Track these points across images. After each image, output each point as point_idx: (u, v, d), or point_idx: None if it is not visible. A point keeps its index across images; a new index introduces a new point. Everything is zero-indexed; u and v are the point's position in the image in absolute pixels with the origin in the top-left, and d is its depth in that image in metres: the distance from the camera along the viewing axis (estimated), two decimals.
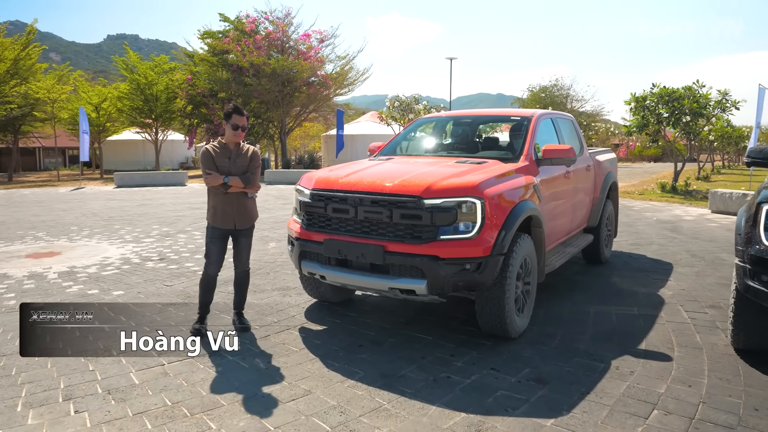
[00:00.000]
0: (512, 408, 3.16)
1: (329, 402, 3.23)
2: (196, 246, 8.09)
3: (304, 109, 28.77)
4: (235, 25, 26.47)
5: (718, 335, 4.35)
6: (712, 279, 6.13)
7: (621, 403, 3.22)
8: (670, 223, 10.40)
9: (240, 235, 4.39)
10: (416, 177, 4.06)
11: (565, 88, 47.01)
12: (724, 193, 11.78)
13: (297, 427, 2.95)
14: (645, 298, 5.39)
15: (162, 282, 6.04)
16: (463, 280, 3.81)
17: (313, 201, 4.29)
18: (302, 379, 3.56)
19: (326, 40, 27.12)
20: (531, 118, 5.29)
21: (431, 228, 3.81)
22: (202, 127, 28.15)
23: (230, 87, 25.01)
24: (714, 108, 16.11)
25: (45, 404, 3.22)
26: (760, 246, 3.56)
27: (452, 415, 3.07)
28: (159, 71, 28.02)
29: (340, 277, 4.19)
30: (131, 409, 3.15)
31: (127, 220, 10.98)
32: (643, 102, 16.46)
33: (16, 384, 3.49)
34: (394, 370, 3.68)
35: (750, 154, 4.80)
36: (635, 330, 4.48)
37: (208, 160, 4.25)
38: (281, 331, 4.46)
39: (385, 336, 4.34)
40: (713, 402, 3.23)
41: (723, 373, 3.63)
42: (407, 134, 5.91)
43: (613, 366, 3.75)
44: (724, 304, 5.17)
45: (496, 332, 4.17)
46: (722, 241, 8.54)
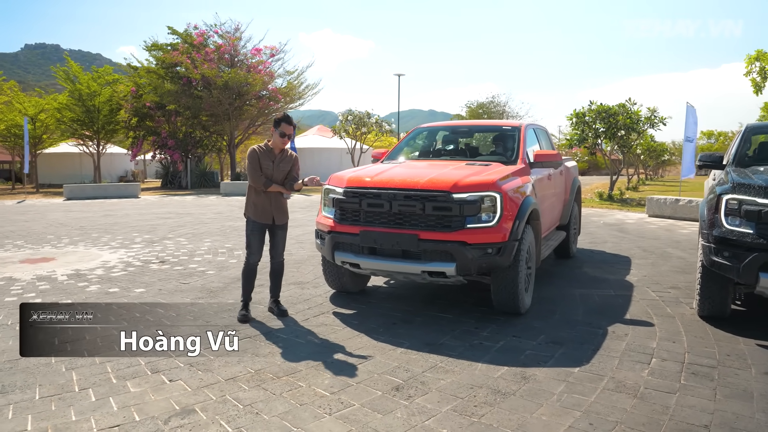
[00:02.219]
0: (543, 362, 3.83)
1: (392, 364, 3.78)
2: (188, 250, 8.35)
3: (253, 123, 28.88)
4: (184, 38, 26.35)
5: (683, 308, 5.22)
6: (666, 268, 7.12)
7: (626, 355, 3.96)
8: (616, 226, 11.57)
9: (277, 228, 4.87)
10: (443, 175, 4.71)
11: (501, 104, 49.44)
12: (659, 199, 13.16)
13: (375, 381, 3.49)
14: (617, 283, 6.25)
15: (176, 281, 6.34)
16: (486, 262, 4.47)
17: (348, 198, 4.84)
18: (358, 349, 4.08)
19: (276, 55, 27.49)
20: (520, 127, 6.07)
21: (459, 218, 4.46)
22: (148, 139, 27.66)
23: (179, 99, 24.83)
24: (644, 124, 17.81)
25: (137, 376, 3.58)
26: (722, 228, 4.43)
27: (497, 369, 3.70)
28: (102, 82, 27.33)
29: (374, 264, 4.74)
30: (221, 376, 3.57)
31: (101, 229, 10.95)
32: (582, 117, 17.94)
33: (96, 363, 3.80)
34: (433, 339, 4.28)
35: (701, 158, 5.79)
36: (617, 306, 5.28)
37: (254, 159, 4.72)
38: (318, 315, 4.95)
39: (411, 316, 4.93)
40: (695, 352, 4.03)
41: (696, 333, 4.46)
42: (408, 142, 6.56)
43: (609, 331, 4.51)
44: (682, 285, 6.10)
45: (508, 309, 4.84)
46: (665, 239, 9.69)
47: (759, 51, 17.30)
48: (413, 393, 3.32)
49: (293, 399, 3.24)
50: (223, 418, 3.00)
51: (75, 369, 3.70)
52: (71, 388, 3.41)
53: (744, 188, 4.38)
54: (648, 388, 3.39)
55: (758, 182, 4.34)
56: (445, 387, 3.40)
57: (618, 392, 3.33)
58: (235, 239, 9.52)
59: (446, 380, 3.51)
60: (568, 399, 3.24)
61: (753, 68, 17.52)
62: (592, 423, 2.95)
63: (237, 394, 3.31)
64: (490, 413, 3.06)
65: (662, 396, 3.28)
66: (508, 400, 3.22)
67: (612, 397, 3.26)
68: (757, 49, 17.76)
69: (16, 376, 3.60)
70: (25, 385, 3.45)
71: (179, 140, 27.24)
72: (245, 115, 27.42)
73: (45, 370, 3.69)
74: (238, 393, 3.32)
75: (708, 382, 3.49)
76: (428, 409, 3.11)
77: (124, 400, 3.24)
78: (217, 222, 12.12)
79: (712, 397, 3.27)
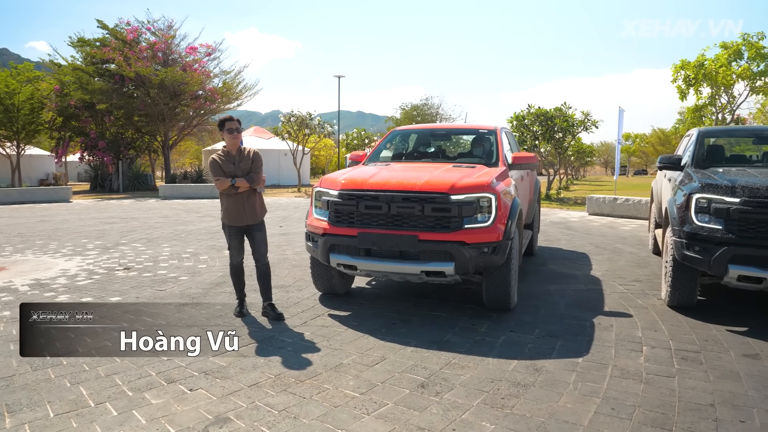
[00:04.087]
0: (547, 354, 4.04)
1: (408, 362, 3.87)
2: (150, 256, 8.03)
3: (189, 123, 27.98)
4: (114, 33, 25.12)
5: (652, 299, 5.63)
6: (623, 262, 7.61)
7: (618, 344, 4.25)
8: (563, 224, 12.19)
9: (253, 229, 4.92)
10: (438, 177, 4.84)
11: (435, 106, 50.48)
12: (598, 198, 13.97)
13: (398, 380, 3.57)
14: (584, 278, 6.63)
15: (151, 288, 6.11)
16: (483, 261, 4.64)
17: (344, 200, 4.87)
18: (369, 349, 4.14)
19: (212, 54, 26.77)
20: (495, 131, 6.32)
21: (458, 219, 4.61)
22: (75, 140, 26.14)
23: (111, 98, 23.65)
24: (578, 126, 18.80)
25: (153, 387, 3.47)
26: (693, 224, 4.84)
27: (508, 362, 3.87)
28: (22, 80, 25.56)
29: (372, 266, 4.80)
30: (242, 383, 3.53)
31: (44, 235, 10.30)
32: (522, 120, 18.70)
33: (101, 376, 3.65)
34: (438, 337, 4.40)
35: (661, 161, 6.25)
36: (592, 299, 5.62)
37: (216, 167, 4.76)
38: (314, 318, 4.95)
39: (407, 315, 5.03)
40: (677, 339, 4.38)
41: (672, 322, 4.84)
42: (386, 144, 6.65)
43: (595, 323, 4.81)
44: (643, 278, 6.56)
45: (500, 305, 5.05)
46: (611, 235, 10.32)
47: (683, 60, 18.77)
48: (440, 389, 3.42)
49: (325, 402, 3.26)
50: (263, 424, 2.98)
51: (81, 383, 3.53)
52: (85, 403, 3.26)
53: (712, 188, 4.80)
54: (650, 373, 3.67)
55: (725, 182, 4.77)
56: (467, 382, 3.53)
57: (625, 378, 3.59)
58: (194, 244, 9.25)
59: (465, 375, 3.64)
60: (584, 387, 3.45)
61: (678, 76, 18.96)
62: (614, 408, 3.17)
63: (266, 399, 3.29)
64: (519, 404, 3.22)
65: (665, 380, 3.56)
66: (530, 391, 3.40)
67: (622, 384, 3.51)
68: (681, 58, 19.29)
69: (17, 394, 3.39)
70: (33, 403, 3.26)
71: (110, 141, 25.93)
72: (181, 116, 26.51)
73: (48, 386, 3.50)
74: (267, 399, 3.30)
75: (698, 365, 3.82)
76: (460, 404, 3.23)
77: (149, 412, 3.14)
78: (168, 226, 11.70)
79: (707, 379, 3.59)
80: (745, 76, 18.13)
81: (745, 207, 4.53)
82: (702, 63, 18.60)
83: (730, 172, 5.29)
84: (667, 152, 55.13)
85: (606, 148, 72.72)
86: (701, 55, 18.84)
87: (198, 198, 20.08)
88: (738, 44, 18.27)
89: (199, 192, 20.67)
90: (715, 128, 7.49)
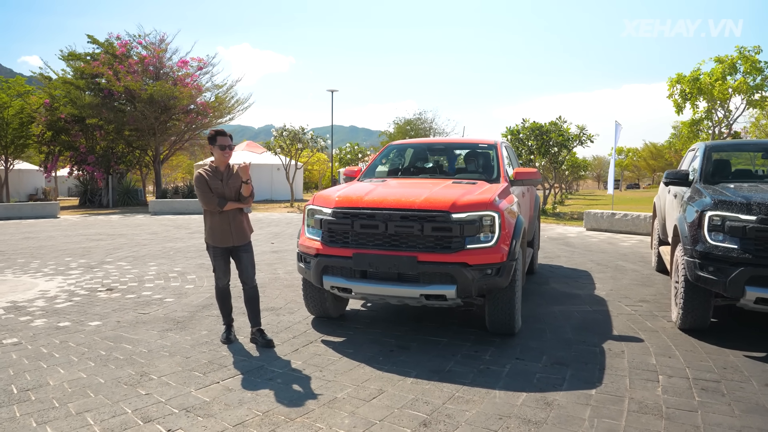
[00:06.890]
0: (558, 385, 3.75)
1: (408, 396, 3.56)
2: (135, 276, 7.70)
3: (180, 138, 27.68)
4: (105, 47, 24.89)
5: (661, 321, 5.36)
6: (626, 281, 7.35)
7: (632, 373, 3.97)
8: (561, 239, 11.94)
9: (239, 251, 4.62)
10: (438, 194, 4.57)
11: (428, 121, 50.40)
12: (596, 213, 13.75)
13: (398, 417, 3.26)
14: (588, 298, 6.36)
15: (134, 311, 5.78)
16: (486, 283, 4.36)
17: (338, 218, 4.59)
18: (365, 381, 3.83)
19: (204, 68, 26.57)
20: (495, 145, 6.07)
21: (459, 239, 4.33)
22: (65, 154, 25.77)
23: (101, 112, 23.35)
24: (573, 140, 18.67)
25: (128, 428, 3.14)
26: (706, 243, 4.58)
27: (516, 396, 3.57)
28: (12, 93, 25.22)
29: (368, 289, 4.50)
30: (226, 422, 3.21)
31: (26, 253, 9.93)
32: (517, 134, 18.54)
33: (72, 414, 3.32)
34: (439, 366, 4.10)
35: (667, 176, 6.02)
36: (600, 322, 5.34)
37: (202, 184, 4.46)
38: (306, 345, 4.63)
39: (406, 341, 4.73)
40: (693, 366, 4.11)
41: (685, 347, 4.57)
42: (381, 159, 6.39)
43: (605, 349, 4.52)
44: (650, 299, 6.30)
45: (503, 330, 4.76)
46: (611, 252, 10.08)
47: (679, 74, 18.72)
48: (443, 428, 3.12)
49: None
50: None
51: (48, 423, 3.20)
52: None
53: (726, 205, 4.55)
54: (669, 407, 3.39)
55: (739, 199, 4.53)
56: (473, 419, 3.23)
57: (644, 413, 3.30)
58: (182, 262, 8.92)
59: (471, 411, 3.34)
60: (600, 425, 3.16)
61: (674, 90, 18.90)
62: None
63: None
64: None
65: (687, 415, 3.28)
66: (542, 429, 3.10)
67: (641, 420, 3.22)
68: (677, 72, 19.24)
69: None
70: None
71: (100, 156, 25.57)
72: (171, 130, 26.22)
73: (11, 426, 3.17)
74: None
75: (720, 397, 3.54)
76: None
77: None
78: (157, 243, 11.36)
79: (732, 413, 3.31)
80: (741, 90, 18.09)
81: (762, 225, 4.29)
82: (697, 78, 18.57)
83: (742, 188, 5.06)
84: (659, 166, 55.45)
85: (599, 162, 73.02)
86: (696, 69, 18.82)
87: (189, 213, 19.74)
88: (733, 58, 18.25)
89: (190, 207, 20.33)
90: (723, 142, 7.29)
